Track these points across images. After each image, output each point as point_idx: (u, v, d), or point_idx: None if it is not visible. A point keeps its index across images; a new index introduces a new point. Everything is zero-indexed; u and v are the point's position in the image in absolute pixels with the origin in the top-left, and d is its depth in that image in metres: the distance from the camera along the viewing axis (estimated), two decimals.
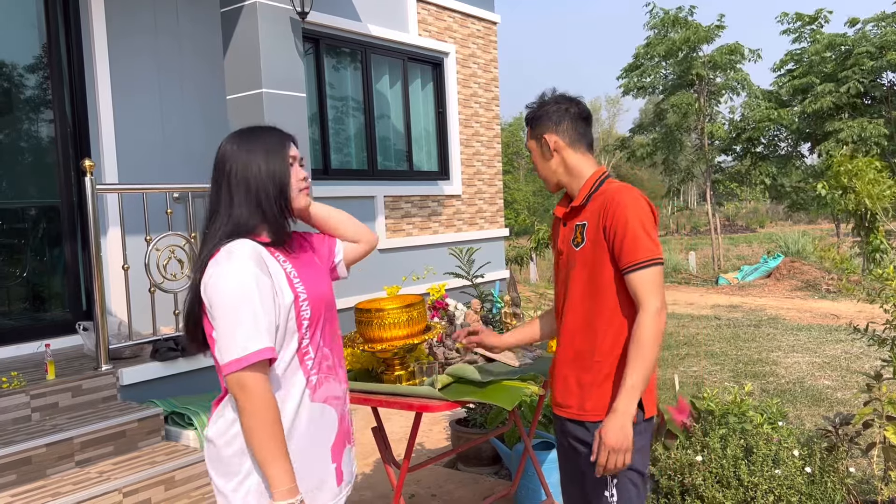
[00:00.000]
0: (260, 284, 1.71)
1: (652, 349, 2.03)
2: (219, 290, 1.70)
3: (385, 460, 3.02)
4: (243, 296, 1.68)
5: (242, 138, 1.87)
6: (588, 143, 2.32)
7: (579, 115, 2.30)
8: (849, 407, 5.37)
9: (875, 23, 16.33)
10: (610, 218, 2.11)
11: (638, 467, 2.15)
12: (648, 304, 2.04)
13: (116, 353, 4.42)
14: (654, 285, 2.05)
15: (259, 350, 1.67)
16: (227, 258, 1.73)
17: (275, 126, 1.95)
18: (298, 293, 1.81)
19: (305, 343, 1.83)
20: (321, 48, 6.68)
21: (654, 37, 16.75)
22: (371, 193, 7.05)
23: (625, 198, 2.12)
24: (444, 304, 3.44)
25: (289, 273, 1.82)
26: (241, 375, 1.66)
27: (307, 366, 1.83)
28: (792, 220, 34.38)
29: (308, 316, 1.83)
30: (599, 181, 2.25)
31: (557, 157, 2.29)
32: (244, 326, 1.67)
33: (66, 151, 5.15)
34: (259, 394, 1.67)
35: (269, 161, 1.84)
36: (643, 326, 2.03)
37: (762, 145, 17.70)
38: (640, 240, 2.06)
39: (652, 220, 2.12)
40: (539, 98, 2.38)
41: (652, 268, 2.06)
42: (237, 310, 1.68)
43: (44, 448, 3.52)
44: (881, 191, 3.25)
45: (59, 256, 5.21)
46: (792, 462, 3.31)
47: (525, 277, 17.61)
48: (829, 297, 11.66)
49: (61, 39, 5.15)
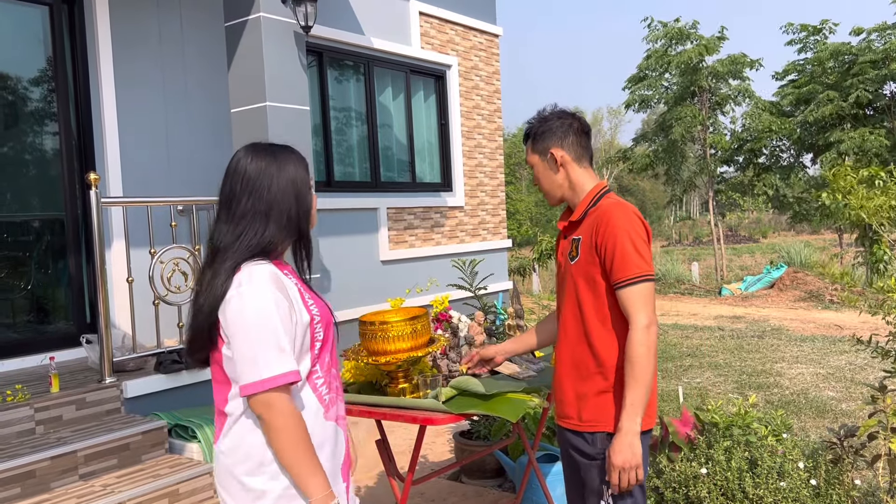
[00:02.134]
0: (280, 307, 1.73)
1: (646, 366, 2.07)
2: (242, 312, 1.71)
3: (389, 473, 3.02)
4: (266, 319, 1.70)
5: (271, 157, 1.87)
6: (589, 156, 2.37)
7: (581, 129, 2.35)
8: (854, 418, 5.35)
9: (879, 32, 16.37)
10: (601, 235, 2.16)
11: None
12: (637, 321, 2.09)
13: (120, 366, 4.43)
14: (643, 301, 2.09)
15: (286, 373, 1.70)
16: (249, 281, 1.74)
17: (290, 146, 1.97)
18: (314, 315, 1.84)
19: (317, 364, 1.85)
20: (324, 61, 6.72)
21: (658, 49, 16.82)
22: (374, 205, 7.07)
23: (616, 215, 2.16)
24: (447, 316, 3.45)
25: (303, 294, 1.85)
26: (269, 395, 1.68)
27: (317, 384, 1.85)
28: (795, 230, 34.37)
29: (321, 337, 1.86)
30: (598, 196, 2.29)
31: (563, 172, 2.33)
32: (269, 348, 1.69)
33: (70, 164, 5.18)
34: (287, 411, 1.70)
35: (300, 184, 1.87)
36: (634, 343, 2.08)
37: (764, 156, 17.73)
38: (630, 256, 2.11)
39: (643, 236, 2.16)
40: (539, 113, 2.41)
41: (641, 284, 2.09)
42: (260, 332, 1.69)
43: (48, 461, 3.52)
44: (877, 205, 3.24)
45: (64, 269, 5.22)
46: (797, 474, 3.30)
47: (528, 288, 17.60)
48: (833, 308, 11.63)
49: (66, 53, 5.20)
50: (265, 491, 1.75)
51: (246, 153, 1.88)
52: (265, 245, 1.80)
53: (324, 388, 1.86)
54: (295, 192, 1.85)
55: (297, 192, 1.86)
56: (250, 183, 1.82)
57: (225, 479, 1.82)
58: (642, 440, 2.17)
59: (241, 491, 1.78)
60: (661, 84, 17.33)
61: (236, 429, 1.80)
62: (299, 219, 1.86)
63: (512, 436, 4.02)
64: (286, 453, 1.71)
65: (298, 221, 1.86)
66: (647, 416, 2.19)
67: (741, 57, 16.16)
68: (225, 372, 1.80)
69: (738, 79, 16.58)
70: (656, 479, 3.52)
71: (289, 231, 1.85)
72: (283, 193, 1.83)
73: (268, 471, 1.76)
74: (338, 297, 6.51)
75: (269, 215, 1.81)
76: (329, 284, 6.46)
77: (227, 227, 1.81)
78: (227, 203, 1.83)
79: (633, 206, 2.25)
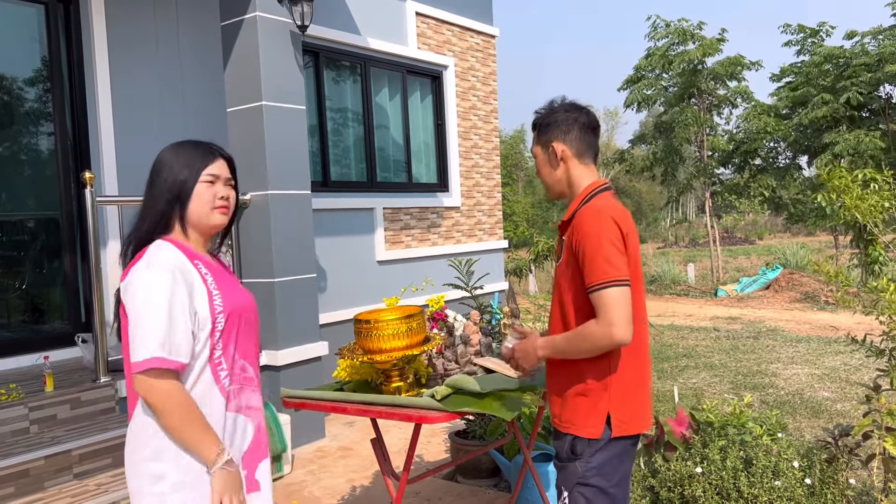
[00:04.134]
0: (175, 294, 1.79)
1: (581, 343, 2.09)
2: (136, 297, 1.79)
3: (384, 472, 3.02)
4: (153, 303, 1.77)
5: (172, 150, 1.98)
6: (594, 153, 2.31)
7: (588, 125, 2.29)
8: (848, 418, 5.36)
9: (873, 36, 16.43)
10: (576, 239, 2.13)
11: (592, 482, 2.17)
12: (601, 319, 2.04)
13: (115, 365, 4.42)
14: (608, 307, 2.02)
15: (159, 358, 1.74)
16: (147, 266, 1.82)
17: (212, 143, 2.03)
18: (215, 305, 1.88)
19: (218, 353, 1.89)
20: (321, 61, 6.71)
21: (660, 48, 16.82)
22: (370, 205, 7.07)
23: (588, 219, 2.12)
24: (443, 315, 3.45)
25: (209, 284, 1.90)
26: (147, 378, 1.75)
27: (220, 376, 1.90)
28: (791, 231, 34.43)
29: (222, 328, 1.89)
30: (589, 196, 2.23)
31: (563, 167, 2.29)
32: (151, 332, 1.75)
33: (66, 164, 5.17)
34: (163, 388, 1.76)
35: (182, 173, 1.92)
36: (590, 326, 2.06)
37: (760, 158, 17.76)
38: (597, 263, 2.05)
39: (614, 240, 2.07)
40: (549, 104, 2.37)
41: (608, 289, 2.03)
42: (146, 315, 1.76)
43: (42, 460, 3.51)
44: (870, 205, 3.25)
45: (59, 268, 5.21)
46: (792, 473, 3.31)
47: (524, 289, 17.61)
48: (828, 309, 11.66)
49: (62, 52, 5.19)
50: (161, 476, 1.81)
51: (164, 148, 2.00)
52: (151, 232, 1.90)
53: (226, 380, 1.91)
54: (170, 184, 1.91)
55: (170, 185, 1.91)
56: (151, 174, 1.95)
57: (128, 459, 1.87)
58: (610, 446, 2.15)
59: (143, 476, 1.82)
60: (660, 84, 17.34)
61: (139, 410, 1.86)
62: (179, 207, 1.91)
63: (507, 435, 4.02)
64: (172, 428, 1.77)
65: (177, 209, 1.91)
66: (622, 424, 2.16)
67: (740, 58, 16.19)
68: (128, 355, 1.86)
69: (735, 80, 16.62)
70: (652, 478, 3.52)
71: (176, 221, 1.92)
72: (167, 184, 1.91)
73: (166, 455, 1.81)
74: (334, 297, 6.51)
75: (155, 205, 1.91)
76: (325, 284, 6.45)
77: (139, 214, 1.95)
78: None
79: (615, 208, 2.17)
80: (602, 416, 2.15)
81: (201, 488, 1.82)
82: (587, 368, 2.16)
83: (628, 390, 2.17)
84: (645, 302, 2.28)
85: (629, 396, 2.18)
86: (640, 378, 2.21)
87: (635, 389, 2.19)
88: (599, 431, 2.15)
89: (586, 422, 2.16)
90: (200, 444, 1.78)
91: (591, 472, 2.16)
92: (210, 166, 1.95)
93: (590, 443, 2.16)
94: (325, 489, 4.44)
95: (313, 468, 4.83)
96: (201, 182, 1.93)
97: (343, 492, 4.38)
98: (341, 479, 4.59)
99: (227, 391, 1.91)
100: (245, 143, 5.18)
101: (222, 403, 1.89)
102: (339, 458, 5.02)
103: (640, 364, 2.22)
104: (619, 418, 2.15)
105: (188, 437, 1.78)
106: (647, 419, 2.24)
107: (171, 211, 1.91)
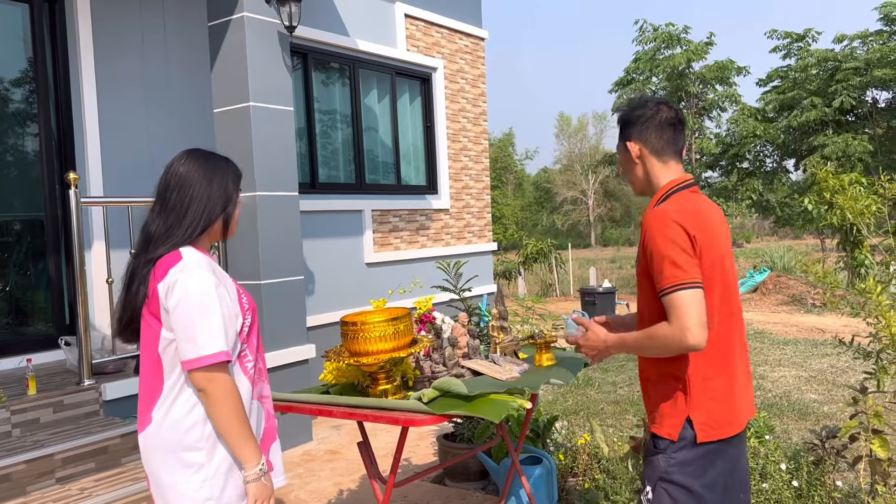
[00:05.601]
0: (220, 293, 1.95)
1: (650, 344, 2.07)
2: (187, 295, 1.90)
3: (371, 475, 2.99)
4: (208, 301, 1.91)
5: (202, 161, 2.07)
6: (676, 150, 2.26)
7: (668, 121, 2.24)
8: (835, 420, 5.38)
9: (861, 39, 16.57)
10: (644, 243, 2.11)
11: (675, 479, 2.10)
12: (674, 322, 2.00)
13: (100, 368, 4.37)
14: (679, 309, 1.99)
15: (223, 352, 1.90)
16: (193, 267, 1.94)
17: (228, 157, 2.17)
18: (244, 303, 2.07)
19: (244, 347, 2.06)
20: (309, 62, 6.69)
21: (647, 51, 16.91)
22: (359, 207, 7.04)
23: (653, 223, 2.09)
24: (431, 317, 3.43)
25: (237, 284, 2.10)
26: (210, 371, 1.89)
27: (247, 367, 2.06)
28: (778, 235, 34.64)
29: (249, 323, 2.08)
30: (663, 197, 2.20)
31: (641, 166, 2.27)
32: (210, 328, 1.89)
33: (50, 165, 5.12)
34: (227, 386, 1.91)
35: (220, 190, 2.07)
36: (662, 328, 2.03)
37: (748, 161, 17.87)
38: (664, 266, 2.03)
39: (680, 243, 2.03)
40: (631, 101, 2.37)
41: (678, 292, 1.99)
42: (202, 313, 1.89)
43: (24, 464, 3.47)
44: (862, 206, 3.28)
45: (43, 270, 5.16)
46: (779, 476, 3.31)
47: (514, 291, 17.61)
48: (815, 312, 11.72)
49: (47, 52, 5.14)
50: (203, 464, 1.94)
51: (183, 155, 2.09)
52: (189, 237, 2.01)
53: (253, 371, 2.08)
54: (216, 196, 2.05)
55: (217, 197, 2.05)
56: (181, 180, 2.03)
57: (159, 456, 1.97)
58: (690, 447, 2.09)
59: (180, 466, 1.94)
60: (649, 88, 17.42)
61: (170, 405, 1.96)
62: (218, 220, 2.06)
63: (496, 438, 4.00)
64: (225, 423, 1.91)
65: (217, 223, 2.06)
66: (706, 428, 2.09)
67: (729, 63, 16.29)
68: (157, 352, 1.97)
69: (724, 84, 16.73)
70: (639, 480, 3.51)
71: (208, 229, 2.05)
72: (210, 198, 2.04)
73: (205, 446, 1.95)
74: (322, 300, 6.47)
75: (196, 213, 2.01)
76: (313, 287, 6.42)
77: (160, 218, 2.02)
78: (161, 196, 2.05)
79: (685, 210, 2.10)
80: (681, 418, 2.10)
81: (234, 479, 1.98)
82: (670, 368, 2.13)
83: (714, 394, 2.10)
84: (736, 302, 2.21)
85: (715, 400, 2.10)
86: (729, 381, 2.13)
87: (724, 393, 2.12)
88: (677, 433, 2.10)
89: (666, 421, 2.13)
90: (244, 443, 1.93)
91: (674, 469, 2.10)
92: (240, 180, 2.15)
93: (670, 443, 2.11)
94: (312, 493, 4.40)
95: (300, 472, 4.80)
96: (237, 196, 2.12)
97: (330, 495, 4.35)
98: (328, 483, 4.56)
99: (253, 381, 2.07)
100: (232, 145, 5.14)
101: (249, 391, 2.05)
102: (327, 462, 4.99)
103: (729, 366, 2.14)
104: (703, 422, 2.09)
105: (235, 429, 1.91)
106: (737, 422, 2.15)
107: (216, 220, 2.05)
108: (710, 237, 2.10)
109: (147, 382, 2.00)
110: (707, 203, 2.22)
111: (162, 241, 1.99)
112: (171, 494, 1.96)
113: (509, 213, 34.11)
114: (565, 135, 54.66)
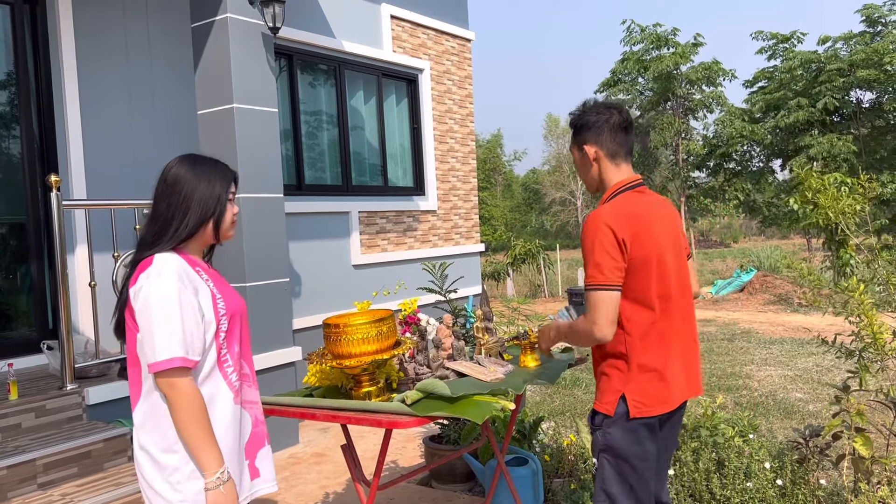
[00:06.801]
0: (184, 298, 1.94)
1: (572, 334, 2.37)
2: (148, 301, 1.92)
3: (355, 478, 2.98)
4: (168, 307, 1.91)
5: (192, 166, 2.08)
6: (626, 151, 2.41)
7: (620, 125, 2.38)
8: (820, 419, 5.41)
9: (845, 41, 16.69)
10: (581, 241, 2.30)
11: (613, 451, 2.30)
12: (588, 317, 2.25)
13: (83, 372, 4.33)
14: (592, 308, 2.22)
15: (178, 357, 1.90)
16: (157, 272, 1.95)
17: (222, 161, 2.17)
18: (219, 308, 2.04)
19: (224, 352, 2.06)
20: (295, 64, 6.66)
21: (635, 52, 16.96)
22: (346, 209, 7.02)
23: (588, 225, 2.29)
24: (415, 319, 3.42)
25: (212, 289, 2.06)
26: (169, 375, 1.90)
27: (227, 372, 2.07)
28: (765, 235, 34.86)
29: (226, 329, 2.06)
30: (611, 196, 2.36)
31: (596, 167, 2.41)
32: (167, 334, 1.90)
33: (32, 168, 5.07)
34: (186, 391, 1.91)
35: (208, 194, 2.07)
36: (581, 321, 2.29)
37: (735, 161, 17.96)
38: (588, 267, 2.25)
39: (606, 246, 2.21)
40: (581, 105, 2.46)
41: (593, 292, 2.21)
42: (161, 318, 1.90)
43: (5, 470, 3.43)
44: (844, 206, 3.31)
45: (25, 274, 5.11)
46: (763, 474, 3.32)
47: (502, 293, 17.63)
48: (801, 311, 11.80)
49: (28, 53, 5.09)
50: (178, 467, 1.95)
51: (174, 161, 2.09)
52: (176, 243, 2.03)
53: (233, 376, 2.08)
54: (203, 200, 2.05)
55: (204, 201, 2.05)
56: (169, 187, 2.05)
57: (142, 455, 2.00)
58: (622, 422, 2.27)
59: (157, 467, 1.96)
60: (636, 89, 17.48)
61: (147, 406, 1.99)
62: (209, 225, 2.06)
63: (481, 439, 4.00)
64: (182, 428, 1.92)
65: (206, 226, 2.06)
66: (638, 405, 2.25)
67: (715, 64, 16.37)
68: (136, 354, 2.00)
69: (711, 85, 16.80)
70: None
71: (199, 235, 2.06)
72: (196, 201, 2.04)
73: (181, 448, 1.95)
74: (308, 302, 6.45)
75: (181, 218, 2.03)
76: (299, 289, 6.39)
77: (151, 224, 2.05)
78: (154, 203, 2.07)
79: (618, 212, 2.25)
80: (616, 395, 2.28)
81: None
82: (609, 352, 2.32)
83: (648, 374, 2.27)
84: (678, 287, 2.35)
85: (649, 380, 2.26)
86: (663, 361, 2.28)
87: (658, 373, 2.27)
88: (613, 409, 2.28)
89: (604, 398, 2.32)
90: (203, 448, 1.92)
91: (610, 441, 2.29)
92: (232, 184, 2.13)
93: (605, 417, 2.30)
94: (298, 496, 4.38)
95: (286, 475, 4.77)
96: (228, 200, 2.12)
97: (316, 498, 4.33)
98: (314, 486, 4.54)
99: (234, 386, 2.07)
100: (216, 146, 5.11)
101: (230, 398, 2.06)
102: (313, 465, 4.96)
103: (664, 348, 2.29)
104: (636, 399, 2.25)
105: (194, 433, 1.91)
106: (671, 401, 2.30)
107: (204, 225, 2.05)
108: (643, 236, 2.26)
109: (133, 383, 2.05)
110: (649, 203, 2.37)
111: (148, 247, 2.02)
112: (150, 493, 2.00)
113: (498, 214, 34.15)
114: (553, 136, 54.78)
